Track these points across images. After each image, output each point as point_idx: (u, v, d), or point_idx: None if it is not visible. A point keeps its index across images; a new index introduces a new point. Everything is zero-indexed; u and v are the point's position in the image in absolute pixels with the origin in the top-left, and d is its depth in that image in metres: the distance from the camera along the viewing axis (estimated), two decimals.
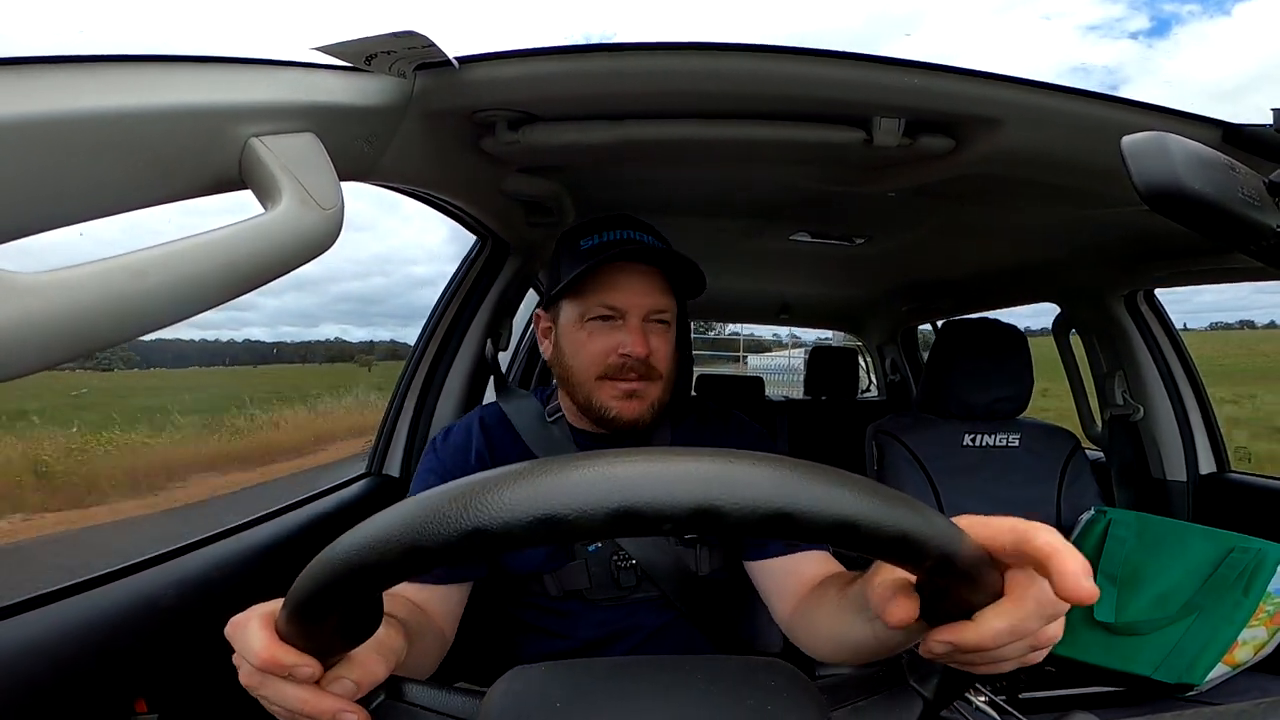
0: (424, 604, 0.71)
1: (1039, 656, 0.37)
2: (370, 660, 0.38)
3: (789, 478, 0.29)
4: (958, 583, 0.33)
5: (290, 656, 0.35)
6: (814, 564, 0.74)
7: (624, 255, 0.77)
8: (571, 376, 0.80)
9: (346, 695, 0.37)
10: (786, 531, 0.29)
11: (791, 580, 0.74)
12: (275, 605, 0.37)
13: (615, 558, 0.80)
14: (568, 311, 0.80)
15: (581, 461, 0.29)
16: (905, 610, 0.36)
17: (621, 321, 0.77)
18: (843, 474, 0.31)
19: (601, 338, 0.78)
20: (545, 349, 0.86)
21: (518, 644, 0.85)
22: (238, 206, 0.49)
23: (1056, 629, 0.35)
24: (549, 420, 0.86)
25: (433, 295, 1.36)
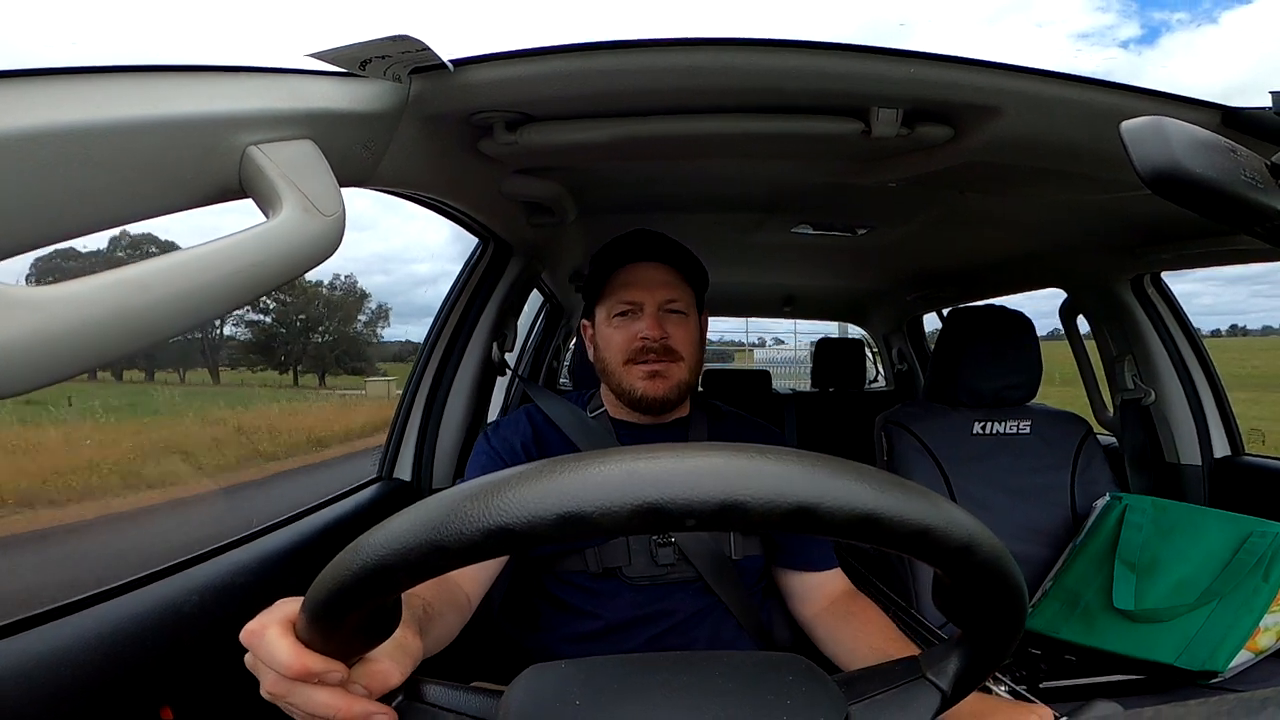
0: (453, 574, 0.71)
1: None
2: (384, 664, 0.39)
3: (813, 472, 0.29)
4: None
5: (319, 663, 0.35)
6: (833, 581, 0.88)
7: (630, 250, 0.91)
8: (607, 367, 0.92)
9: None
10: (808, 526, 0.29)
11: (815, 591, 0.87)
12: (288, 610, 0.37)
13: (655, 536, 0.84)
14: (600, 314, 0.93)
15: (605, 458, 0.29)
16: None
17: (640, 313, 0.89)
18: (866, 469, 0.30)
19: (625, 329, 0.89)
20: (591, 352, 0.97)
21: (547, 624, 0.86)
22: (237, 205, 0.50)
23: None
24: (591, 415, 0.95)
25: (434, 294, 1.39)
